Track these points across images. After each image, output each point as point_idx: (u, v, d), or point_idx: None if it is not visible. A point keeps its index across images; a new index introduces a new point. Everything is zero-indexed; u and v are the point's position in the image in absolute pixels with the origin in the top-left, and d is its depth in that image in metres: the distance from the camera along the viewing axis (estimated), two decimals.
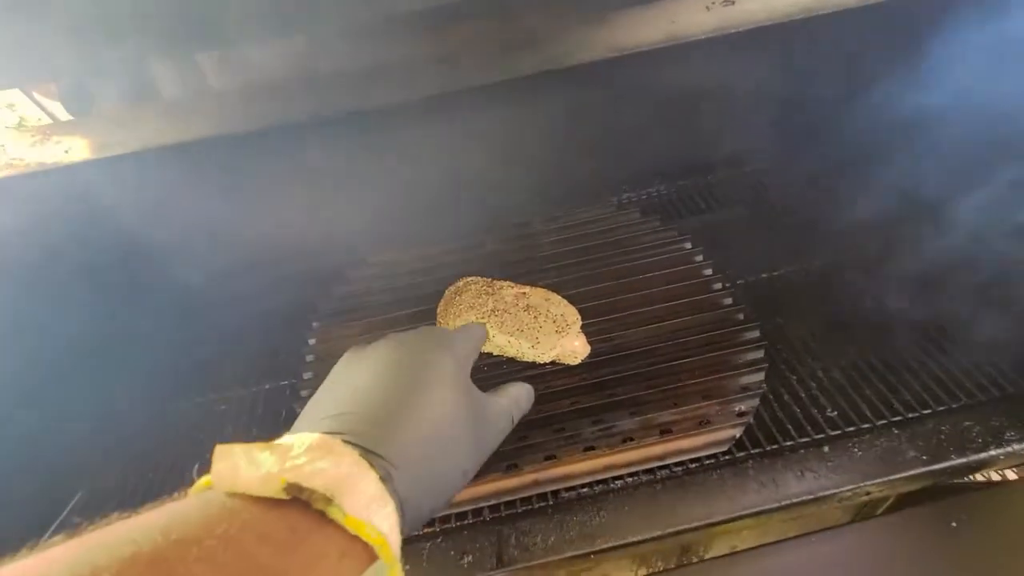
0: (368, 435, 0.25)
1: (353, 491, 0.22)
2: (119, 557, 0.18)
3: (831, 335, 0.55)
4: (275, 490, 0.21)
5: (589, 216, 0.72)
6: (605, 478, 0.47)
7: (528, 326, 0.54)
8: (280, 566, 0.20)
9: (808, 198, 0.69)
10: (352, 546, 0.22)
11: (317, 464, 0.22)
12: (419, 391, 0.29)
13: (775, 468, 0.46)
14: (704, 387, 0.52)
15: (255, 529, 0.20)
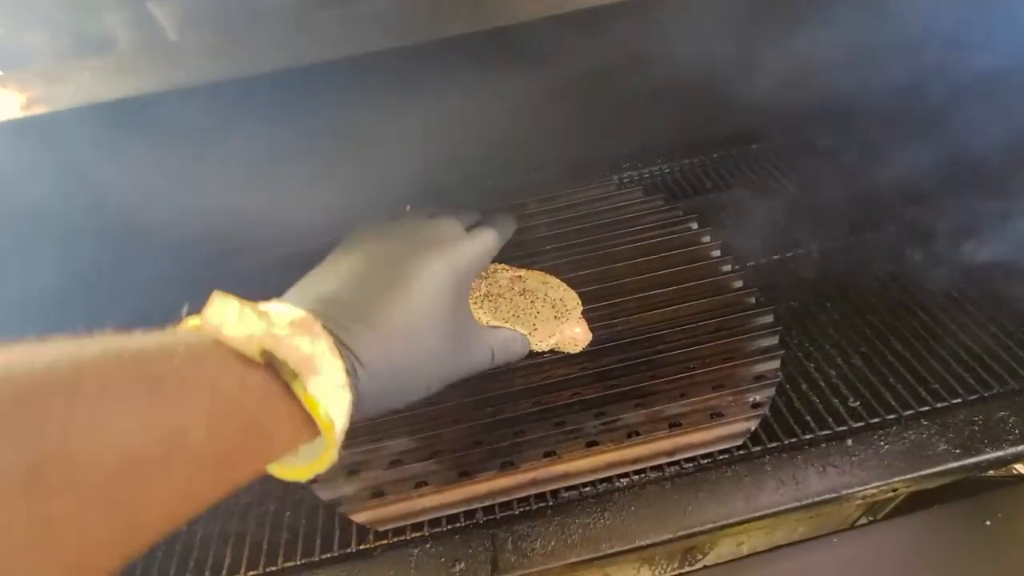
0: (346, 327, 0.26)
1: (318, 374, 0.23)
2: (106, 352, 0.18)
3: (851, 319, 0.51)
4: (253, 352, 0.22)
5: (588, 195, 0.67)
6: (609, 476, 0.43)
7: (525, 312, 0.50)
8: (255, 411, 0.22)
9: (821, 176, 0.65)
10: (304, 421, 0.23)
11: (295, 340, 0.23)
12: (408, 296, 0.29)
13: (795, 464, 0.42)
14: (715, 376, 0.48)
15: (237, 373, 0.22)
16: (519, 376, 0.51)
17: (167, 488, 0.19)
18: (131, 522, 0.18)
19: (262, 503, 0.47)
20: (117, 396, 0.18)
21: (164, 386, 0.20)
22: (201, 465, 0.20)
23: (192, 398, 0.20)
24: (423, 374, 0.30)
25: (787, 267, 0.57)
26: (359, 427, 0.48)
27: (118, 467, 0.17)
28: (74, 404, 0.17)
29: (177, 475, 0.19)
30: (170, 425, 0.19)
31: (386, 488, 0.45)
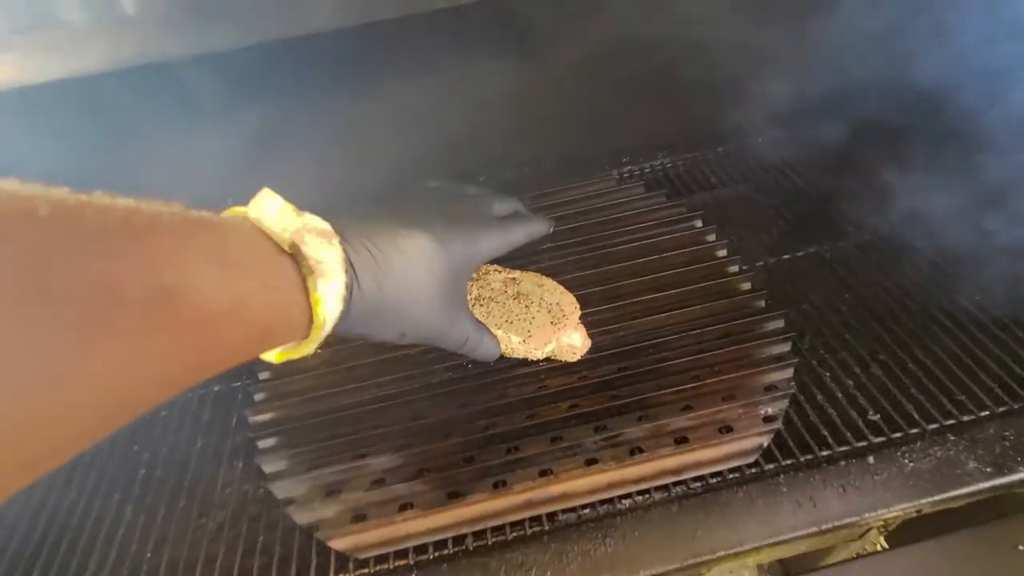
0: (358, 252, 0.29)
1: (325, 278, 0.26)
2: (187, 215, 0.21)
3: (867, 324, 0.48)
4: (284, 242, 0.26)
5: (587, 191, 0.64)
6: (610, 497, 0.40)
7: (519, 317, 0.46)
8: (289, 295, 0.25)
9: (831, 171, 0.62)
10: (307, 315, 0.26)
11: (317, 243, 0.26)
12: (417, 252, 0.32)
13: (812, 483, 0.39)
14: (724, 387, 0.45)
15: (276, 259, 0.25)
16: (513, 386, 0.47)
17: (226, 342, 0.22)
18: (189, 361, 0.21)
19: (234, 524, 0.44)
20: (200, 253, 0.21)
21: (234, 256, 0.23)
22: (250, 331, 0.23)
23: (252, 273, 0.23)
24: (403, 320, 0.32)
25: (797, 268, 0.54)
26: (341, 442, 0.45)
27: (199, 312, 0.20)
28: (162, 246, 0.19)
29: (236, 334, 0.22)
30: (238, 290, 0.22)
31: (368, 511, 0.41)
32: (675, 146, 0.69)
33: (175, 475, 0.47)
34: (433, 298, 0.33)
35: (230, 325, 0.22)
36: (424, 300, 0.32)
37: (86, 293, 0.16)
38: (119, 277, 0.17)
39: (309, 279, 0.26)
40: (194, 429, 0.51)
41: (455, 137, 0.67)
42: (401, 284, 0.31)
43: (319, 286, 0.26)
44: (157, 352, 0.18)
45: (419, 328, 0.33)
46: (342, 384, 0.49)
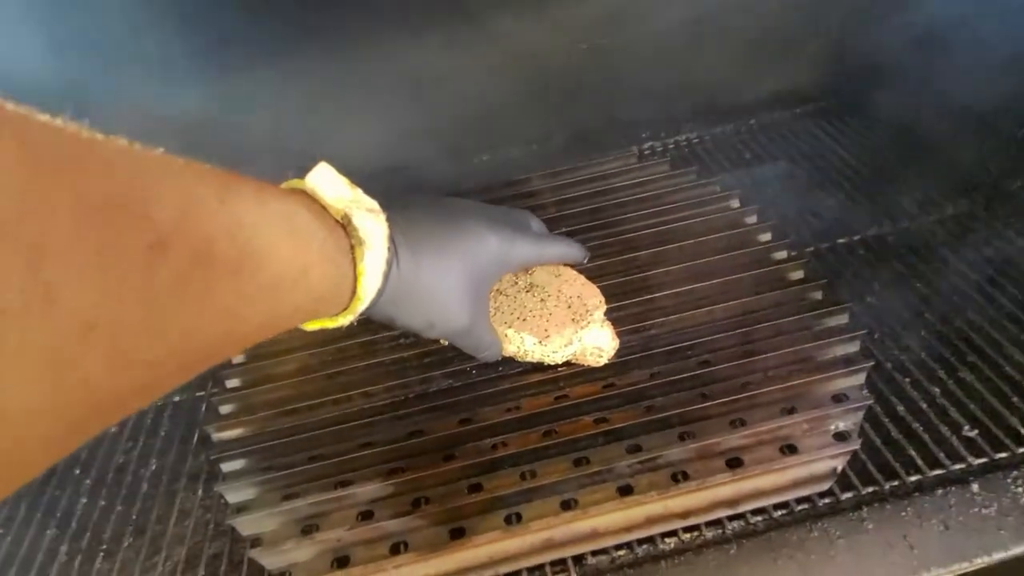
0: (404, 234, 0.30)
1: (373, 252, 0.27)
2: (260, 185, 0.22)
3: (948, 319, 0.40)
4: (337, 212, 0.26)
5: (604, 169, 0.56)
6: (651, 535, 0.32)
7: (533, 313, 0.39)
8: (345, 268, 0.26)
9: (887, 144, 0.54)
10: (351, 287, 0.27)
11: (368, 218, 0.27)
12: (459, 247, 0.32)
13: (904, 518, 0.31)
14: (782, 396, 0.37)
15: (333, 232, 0.26)
16: (526, 397, 0.40)
17: (289, 307, 0.23)
18: (260, 323, 0.22)
19: (191, 565, 0.36)
20: (274, 219, 0.22)
21: (301, 226, 0.24)
22: (308, 299, 0.24)
23: (314, 243, 0.24)
24: (433, 307, 0.32)
25: (855, 254, 0.46)
26: (320, 466, 0.38)
27: (274, 277, 0.21)
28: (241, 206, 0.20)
29: (297, 300, 0.23)
30: (304, 259, 0.23)
31: (352, 552, 0.34)
32: (702, 118, 0.62)
33: (122, 505, 0.40)
34: (465, 290, 0.33)
35: (295, 291, 0.23)
36: (456, 289, 0.32)
37: (194, 253, 0.17)
38: (217, 236, 0.18)
39: (357, 250, 0.26)
40: (147, 448, 0.43)
41: (455, 108, 0.60)
42: (437, 269, 0.31)
43: (365, 258, 0.26)
44: (236, 312, 0.19)
45: (447, 319, 0.33)
46: (323, 394, 0.41)
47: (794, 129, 0.59)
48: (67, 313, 0.14)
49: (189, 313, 0.17)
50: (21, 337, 0.13)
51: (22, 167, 0.13)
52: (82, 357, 0.14)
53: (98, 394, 0.15)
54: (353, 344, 0.44)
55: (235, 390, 0.43)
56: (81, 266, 0.14)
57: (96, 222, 0.14)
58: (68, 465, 0.42)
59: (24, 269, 0.13)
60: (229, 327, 0.20)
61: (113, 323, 0.15)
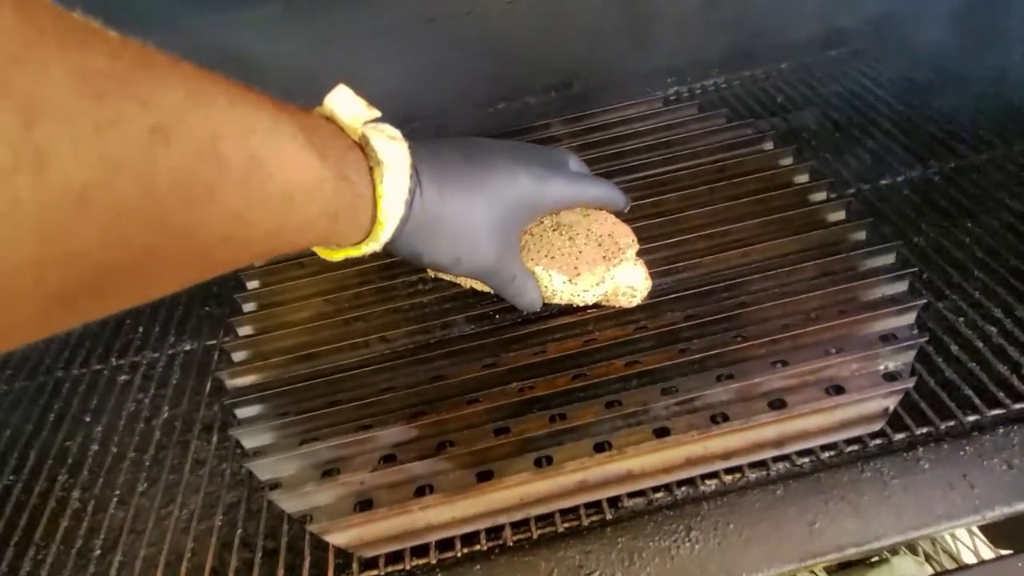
0: (427, 164, 0.28)
1: (393, 176, 0.26)
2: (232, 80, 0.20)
3: (1002, 258, 0.38)
4: (354, 132, 0.26)
5: (628, 114, 0.53)
6: (691, 477, 0.31)
7: (561, 251, 0.36)
8: (361, 187, 0.25)
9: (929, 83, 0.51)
10: (369, 212, 0.26)
11: (388, 143, 0.26)
12: (485, 177, 0.31)
13: (963, 458, 0.29)
14: (827, 337, 0.35)
15: (346, 141, 0.25)
16: (552, 340, 0.38)
17: (301, 221, 0.22)
18: (268, 232, 0.21)
19: (207, 512, 0.35)
20: (287, 130, 0.21)
21: (315, 140, 0.22)
22: (322, 216, 0.23)
23: (328, 158, 0.23)
24: (461, 243, 0.30)
25: (900, 194, 0.44)
26: (340, 410, 0.36)
27: (284, 187, 0.20)
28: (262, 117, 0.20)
29: (309, 215, 0.22)
30: (317, 173, 0.22)
31: (375, 495, 0.32)
32: (731, 62, 0.58)
33: (134, 453, 0.38)
34: (495, 226, 0.31)
35: (308, 205, 0.22)
36: (484, 225, 0.30)
37: (199, 146, 0.17)
38: (224, 133, 0.17)
39: (376, 171, 0.25)
40: (159, 397, 0.41)
41: (469, 54, 0.57)
42: (465, 203, 0.29)
43: (384, 180, 0.25)
44: (243, 217, 0.19)
45: (475, 256, 0.31)
46: (341, 340, 0.39)
47: (830, 72, 0.56)
48: (59, 181, 0.13)
49: (192, 209, 0.17)
50: (11, 196, 0.13)
51: (20, 26, 0.13)
52: (73, 229, 0.14)
53: (88, 269, 0.15)
54: (369, 290, 0.42)
55: (247, 337, 0.41)
56: (76, 136, 0.13)
57: (95, 93, 0.14)
58: (78, 412, 0.41)
59: (15, 125, 0.12)
60: (234, 231, 0.19)
61: (108, 202, 0.14)
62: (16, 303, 0.14)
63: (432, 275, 0.41)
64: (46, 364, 0.45)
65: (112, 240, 0.15)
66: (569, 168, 0.38)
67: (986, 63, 0.49)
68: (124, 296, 0.18)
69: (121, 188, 0.15)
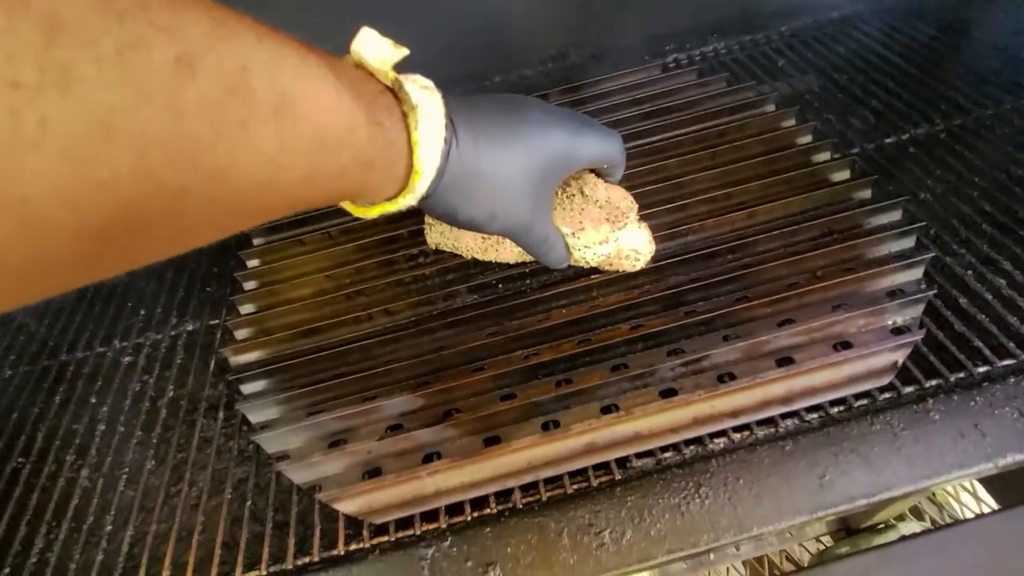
0: (461, 116, 0.27)
1: (428, 122, 0.24)
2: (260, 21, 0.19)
3: (1011, 211, 0.37)
4: (386, 76, 0.24)
5: (627, 81, 0.52)
6: (699, 436, 0.31)
7: (563, 207, 0.36)
8: (394, 133, 0.24)
9: (932, 41, 0.50)
10: (406, 160, 0.25)
11: (420, 91, 0.25)
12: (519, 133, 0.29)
13: (974, 408, 0.29)
14: (833, 294, 0.35)
15: (377, 86, 0.24)
16: (556, 308, 0.38)
17: (335, 167, 0.21)
18: (303, 177, 0.20)
19: (216, 488, 0.35)
20: (316, 71, 0.20)
21: (345, 83, 0.21)
22: (356, 162, 0.22)
23: (360, 101, 0.22)
24: (497, 198, 0.29)
25: (905, 152, 0.43)
26: (345, 382, 0.36)
27: (317, 127, 0.20)
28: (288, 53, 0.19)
29: (343, 160, 0.21)
30: (349, 116, 0.21)
31: (383, 464, 0.32)
32: (730, 28, 0.57)
33: (141, 432, 0.38)
34: (529, 181, 0.30)
35: (341, 150, 0.21)
36: (521, 179, 0.29)
37: (227, 77, 0.16)
38: (252, 67, 0.17)
39: (410, 116, 0.24)
40: (163, 377, 0.41)
41: (463, 27, 0.56)
42: (501, 155, 0.28)
43: (420, 126, 0.24)
44: (277, 160, 0.18)
45: (511, 212, 0.30)
46: (343, 314, 0.39)
47: (832, 34, 0.55)
48: (85, 104, 0.13)
49: (224, 146, 0.16)
50: (39, 116, 0.12)
51: None
52: (102, 157, 0.14)
53: (122, 205, 0.15)
54: (370, 264, 0.42)
55: (250, 315, 0.41)
56: (99, 57, 0.13)
57: (116, 14, 0.14)
58: (84, 394, 0.41)
59: (38, 42, 0.12)
60: (270, 175, 0.18)
61: (135, 130, 0.14)
62: (52, 234, 0.14)
63: (433, 246, 0.40)
64: (50, 348, 0.44)
65: (143, 174, 0.15)
66: (597, 125, 0.36)
67: (990, 18, 0.48)
68: (161, 241, 0.17)
69: (148, 116, 0.14)
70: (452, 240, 0.39)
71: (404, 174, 0.25)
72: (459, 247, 0.39)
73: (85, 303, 0.47)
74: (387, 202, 0.26)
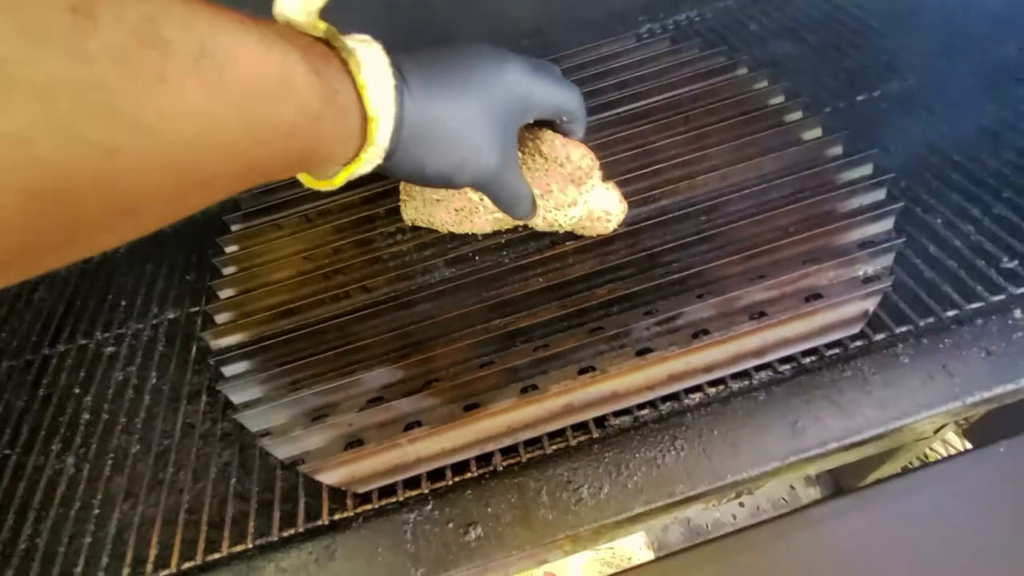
0: (408, 64, 0.26)
1: (371, 69, 0.24)
2: None
3: (980, 159, 0.37)
4: (317, 29, 0.23)
5: (601, 52, 0.52)
6: (675, 392, 0.31)
7: (528, 167, 0.35)
8: (335, 83, 0.23)
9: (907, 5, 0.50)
10: (354, 109, 0.24)
11: (356, 41, 0.24)
12: (471, 72, 0.28)
13: (942, 349, 0.29)
14: (805, 248, 0.35)
15: (308, 37, 0.23)
16: (535, 274, 0.38)
17: (280, 122, 0.21)
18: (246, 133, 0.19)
19: (200, 471, 0.35)
20: (237, 22, 0.19)
21: (272, 35, 0.21)
22: (303, 116, 0.21)
23: (292, 51, 0.21)
24: (461, 145, 0.28)
25: (876, 108, 0.43)
26: (323, 358, 0.36)
27: (246, 81, 0.19)
28: None
29: (287, 114, 0.21)
30: (282, 66, 0.21)
31: (365, 435, 0.33)
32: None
33: (125, 418, 0.38)
34: (490, 124, 0.28)
35: (280, 103, 0.20)
36: (483, 123, 0.28)
37: (133, 27, 0.16)
38: (161, 19, 0.16)
39: (350, 62, 0.23)
40: (145, 366, 0.41)
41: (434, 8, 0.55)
42: (457, 98, 0.27)
43: (363, 72, 0.23)
44: (211, 112, 0.18)
45: (479, 159, 0.28)
46: (322, 293, 0.39)
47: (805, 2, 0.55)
48: None
49: (145, 96, 0.16)
50: None
51: None
52: (5, 108, 0.13)
53: (44, 163, 0.14)
54: (347, 244, 0.42)
55: (230, 299, 0.41)
56: None
57: None
58: (67, 385, 0.41)
59: None
60: (203, 129, 0.18)
61: (39, 80, 0.14)
62: None
63: (409, 222, 0.40)
64: (32, 343, 0.44)
65: (60, 127, 0.14)
66: (557, 72, 0.35)
67: None
68: (110, 216, 0.17)
69: (50, 65, 0.14)
70: (427, 215, 0.39)
71: (359, 126, 0.24)
72: (434, 222, 0.39)
73: (65, 298, 0.47)
74: (351, 164, 0.25)
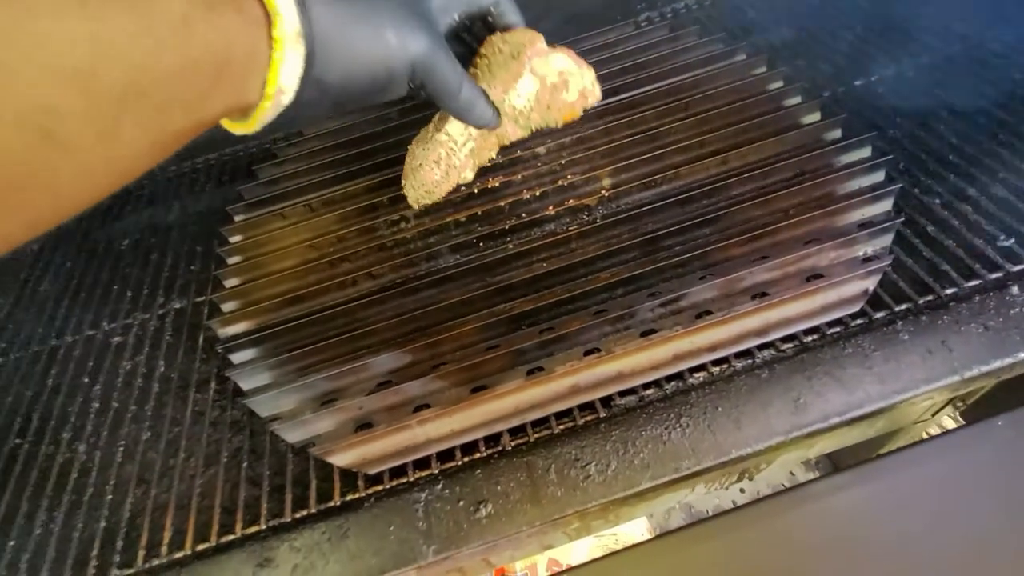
0: None
1: None
2: None
3: (977, 142, 0.38)
4: None
5: (600, 41, 0.52)
6: (679, 371, 0.31)
7: (481, 72, 0.33)
8: None
9: None
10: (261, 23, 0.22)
11: None
12: None
13: (941, 326, 0.30)
14: (805, 230, 0.35)
15: None
16: (538, 260, 0.38)
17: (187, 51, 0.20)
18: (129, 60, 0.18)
19: (211, 457, 0.35)
20: None
21: None
22: (189, 9, 0.20)
23: None
24: (384, 32, 0.26)
25: (875, 92, 0.43)
26: (332, 343, 0.36)
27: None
28: None
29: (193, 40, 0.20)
30: None
31: (374, 418, 0.33)
32: None
33: (134, 407, 0.39)
34: (412, 9, 0.27)
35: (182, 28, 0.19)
36: (400, 10, 0.27)
37: None
38: None
39: None
40: (153, 355, 0.42)
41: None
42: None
43: None
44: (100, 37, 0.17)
45: (406, 42, 0.27)
46: (328, 280, 0.39)
47: None
48: None
49: (19, 32, 0.16)
50: None
51: None
52: None
53: None
54: (351, 231, 0.42)
55: (235, 288, 0.41)
56: None
57: None
58: (76, 375, 0.41)
59: None
60: (99, 55, 0.17)
61: None
62: None
63: (414, 203, 0.40)
64: (39, 334, 0.45)
65: None
66: None
67: None
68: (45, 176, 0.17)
69: None
70: (422, 188, 0.37)
71: (262, 16, 0.22)
72: (430, 190, 0.37)
73: (71, 289, 0.48)
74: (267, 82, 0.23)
